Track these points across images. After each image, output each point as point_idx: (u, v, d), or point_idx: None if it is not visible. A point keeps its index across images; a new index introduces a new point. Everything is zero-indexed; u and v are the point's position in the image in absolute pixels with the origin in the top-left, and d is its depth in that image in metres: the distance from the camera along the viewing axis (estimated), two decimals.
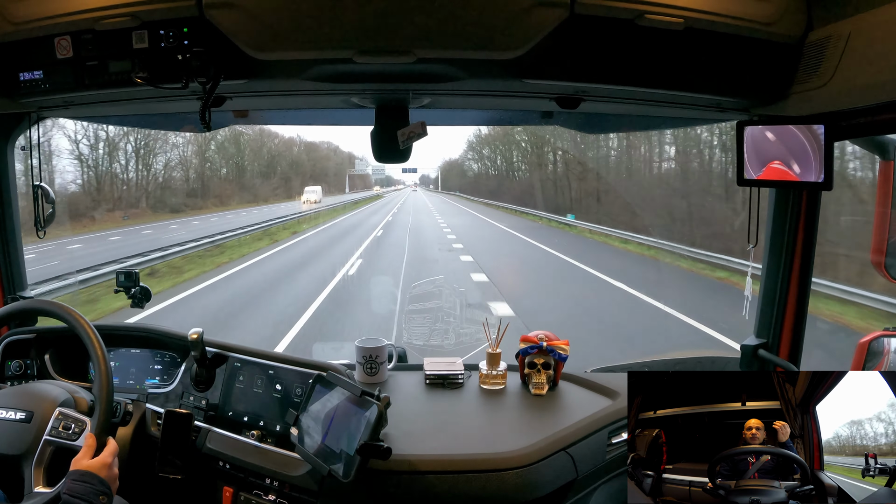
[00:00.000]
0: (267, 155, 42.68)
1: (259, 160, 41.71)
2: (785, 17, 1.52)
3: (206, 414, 1.85)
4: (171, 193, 32.41)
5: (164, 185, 31.90)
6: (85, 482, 1.36)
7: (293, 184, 44.09)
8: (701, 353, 5.89)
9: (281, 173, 44.13)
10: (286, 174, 44.76)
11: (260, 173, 41.49)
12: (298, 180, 44.86)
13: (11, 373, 1.94)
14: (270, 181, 42.21)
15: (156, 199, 30.89)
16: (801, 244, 1.85)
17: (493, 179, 42.80)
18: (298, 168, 46.69)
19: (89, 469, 1.39)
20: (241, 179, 39.57)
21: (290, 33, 1.46)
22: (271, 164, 43.23)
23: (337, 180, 52.88)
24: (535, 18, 1.44)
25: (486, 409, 1.88)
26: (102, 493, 1.37)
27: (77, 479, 1.36)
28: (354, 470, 1.45)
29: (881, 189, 1.69)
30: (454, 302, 2.88)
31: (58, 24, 1.53)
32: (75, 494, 1.34)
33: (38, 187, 2.05)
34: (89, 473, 1.38)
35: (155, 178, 31.29)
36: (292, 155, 46.58)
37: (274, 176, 43.02)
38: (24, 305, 1.71)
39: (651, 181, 23.41)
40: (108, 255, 14.16)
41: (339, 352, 6.33)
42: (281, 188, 42.97)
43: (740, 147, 1.71)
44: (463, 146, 48.72)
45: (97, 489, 1.36)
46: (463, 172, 52.82)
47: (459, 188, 53.03)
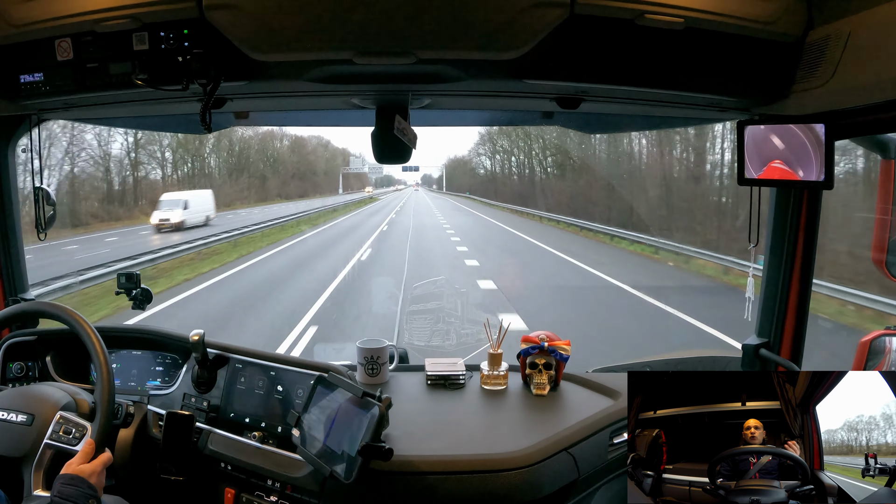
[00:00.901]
0: (238, 148, 35.94)
1: (228, 155, 35.29)
2: (785, 16, 1.52)
3: (207, 415, 1.85)
4: (80, 201, 24.94)
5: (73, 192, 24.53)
6: (75, 486, 1.36)
7: (270, 184, 38.98)
8: (702, 352, 5.87)
9: (255, 171, 37.90)
10: (261, 172, 38.52)
11: (227, 171, 35.42)
12: (277, 181, 39.92)
13: (13, 375, 1.95)
14: (237, 181, 35.95)
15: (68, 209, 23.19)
16: (802, 243, 1.85)
17: (510, 179, 36.65)
18: (279, 166, 40.48)
19: (79, 473, 1.39)
20: (192, 179, 31.93)
21: (290, 35, 1.46)
22: (241, 159, 36.65)
23: (328, 180, 47.17)
24: (535, 19, 1.44)
25: (487, 410, 1.88)
26: (91, 496, 1.37)
27: (67, 483, 1.36)
28: (356, 471, 1.45)
29: (882, 187, 1.69)
30: (455, 302, 2.88)
31: (58, 26, 1.54)
32: (65, 497, 1.34)
33: (39, 189, 2.06)
34: (79, 478, 1.38)
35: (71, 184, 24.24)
36: (273, 150, 40.20)
37: (243, 175, 36.69)
38: (25, 307, 1.72)
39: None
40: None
41: (340, 353, 6.32)
42: (252, 189, 37.19)
43: (741, 146, 1.71)
44: (473, 140, 43.41)
45: (86, 493, 1.36)
46: (471, 171, 46.52)
47: (470, 188, 46.17)
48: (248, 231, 19.96)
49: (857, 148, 8.86)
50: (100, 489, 1.42)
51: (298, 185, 43.45)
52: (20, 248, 2.11)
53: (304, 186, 44.09)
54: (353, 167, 46.83)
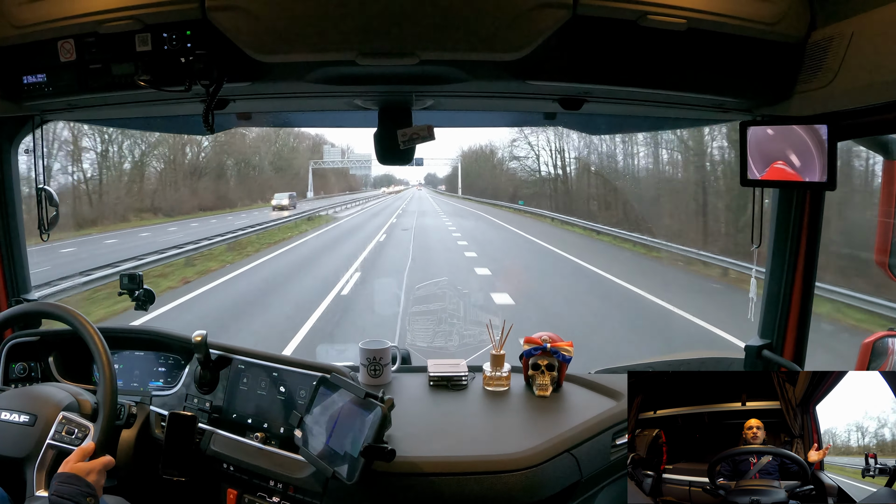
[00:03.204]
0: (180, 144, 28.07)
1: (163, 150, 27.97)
2: (788, 17, 1.52)
3: (209, 416, 1.85)
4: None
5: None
6: (71, 484, 1.36)
7: (227, 187, 30.54)
8: (705, 353, 5.85)
9: (206, 170, 30.17)
10: (219, 171, 30.67)
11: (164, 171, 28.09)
12: (230, 183, 31.07)
13: (15, 375, 1.95)
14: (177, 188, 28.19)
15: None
16: (804, 244, 1.85)
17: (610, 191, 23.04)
18: (250, 163, 31.77)
19: (76, 471, 1.39)
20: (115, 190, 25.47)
21: (292, 35, 1.46)
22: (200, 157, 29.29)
23: (284, 180, 33.85)
24: (538, 20, 1.44)
25: (489, 411, 1.88)
26: (89, 494, 1.36)
27: (63, 482, 1.36)
28: (358, 472, 1.45)
29: (885, 188, 1.69)
30: (458, 303, 2.88)
31: (61, 28, 1.54)
32: (62, 495, 1.33)
33: (42, 190, 2.07)
34: (75, 476, 1.38)
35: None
36: (234, 145, 30.96)
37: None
38: (27, 308, 1.72)
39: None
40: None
41: (342, 354, 6.29)
42: (209, 193, 29.83)
43: (743, 147, 1.71)
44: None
45: (84, 490, 1.36)
46: (503, 170, 32.86)
47: (521, 196, 30.63)
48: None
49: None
50: (98, 488, 1.41)
51: (227, 190, 31.40)
52: (23, 248, 2.11)
53: (239, 191, 32.34)
54: (328, 162, 34.40)
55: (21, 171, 2.09)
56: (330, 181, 36.97)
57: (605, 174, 24.00)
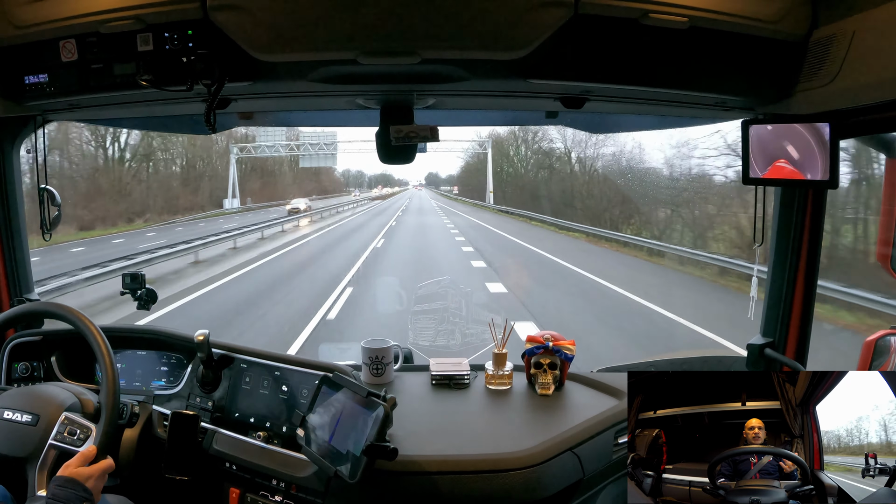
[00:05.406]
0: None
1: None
2: (789, 15, 1.52)
3: (212, 415, 1.86)
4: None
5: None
6: (68, 488, 1.35)
7: (185, 193, 26.11)
8: (707, 352, 5.84)
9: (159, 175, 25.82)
10: (186, 175, 26.39)
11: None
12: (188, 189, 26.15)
13: (18, 375, 1.95)
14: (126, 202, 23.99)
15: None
16: (807, 242, 1.85)
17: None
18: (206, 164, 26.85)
19: (75, 476, 1.38)
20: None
21: (294, 35, 1.46)
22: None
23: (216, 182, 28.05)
24: (540, 18, 1.44)
25: (492, 410, 1.88)
26: (85, 499, 1.36)
27: (60, 486, 1.36)
28: (361, 471, 1.45)
29: (887, 186, 1.68)
30: (460, 302, 2.88)
31: (62, 28, 1.54)
32: (58, 499, 1.33)
33: (44, 190, 2.07)
34: (73, 480, 1.37)
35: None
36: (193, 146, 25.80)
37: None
38: (30, 308, 1.72)
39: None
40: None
41: (345, 353, 6.28)
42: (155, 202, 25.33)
43: (745, 146, 1.71)
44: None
45: (80, 496, 1.35)
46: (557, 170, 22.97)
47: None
48: None
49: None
50: (97, 493, 1.41)
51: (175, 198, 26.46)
52: (25, 248, 2.11)
53: (190, 201, 27.38)
54: (264, 147, 28.17)
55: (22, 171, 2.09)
56: (284, 179, 26.98)
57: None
